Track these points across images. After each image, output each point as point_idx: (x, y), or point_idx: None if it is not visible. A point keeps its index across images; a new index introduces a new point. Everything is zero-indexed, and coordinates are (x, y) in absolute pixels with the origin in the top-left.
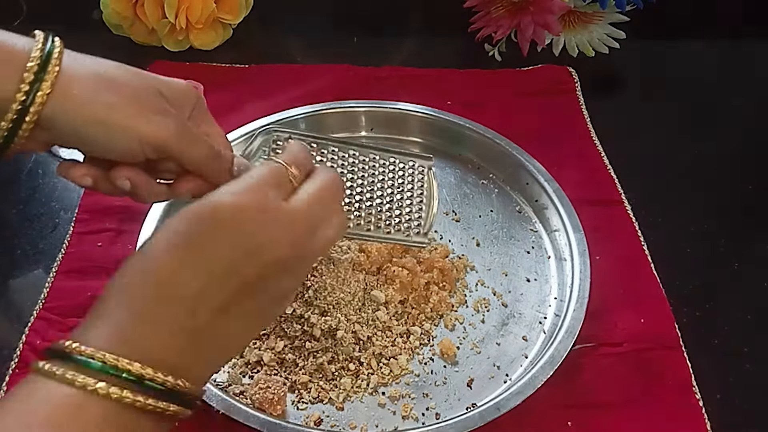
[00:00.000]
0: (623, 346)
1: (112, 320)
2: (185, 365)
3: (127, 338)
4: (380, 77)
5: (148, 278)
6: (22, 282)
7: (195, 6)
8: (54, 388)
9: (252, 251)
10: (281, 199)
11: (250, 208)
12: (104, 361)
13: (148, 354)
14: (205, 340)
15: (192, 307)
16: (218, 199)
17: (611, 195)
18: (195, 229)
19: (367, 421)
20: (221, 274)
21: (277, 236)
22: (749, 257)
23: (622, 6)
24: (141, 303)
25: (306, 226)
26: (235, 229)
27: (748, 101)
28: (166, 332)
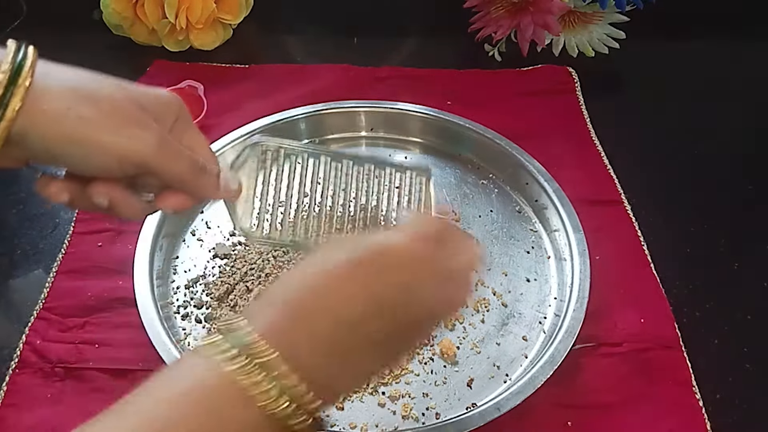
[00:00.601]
0: (623, 346)
1: (274, 318)
2: (315, 377)
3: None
4: (380, 77)
5: (318, 290)
6: (22, 282)
7: (195, 6)
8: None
9: (417, 296)
10: (444, 254)
11: (425, 256)
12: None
13: (296, 357)
14: (352, 364)
15: (352, 330)
16: (396, 238)
17: (611, 195)
18: (373, 261)
19: (367, 421)
20: (386, 308)
21: (438, 288)
22: (749, 257)
23: (622, 6)
24: (305, 311)
25: (456, 290)
26: (407, 271)
27: (748, 101)
28: (320, 343)
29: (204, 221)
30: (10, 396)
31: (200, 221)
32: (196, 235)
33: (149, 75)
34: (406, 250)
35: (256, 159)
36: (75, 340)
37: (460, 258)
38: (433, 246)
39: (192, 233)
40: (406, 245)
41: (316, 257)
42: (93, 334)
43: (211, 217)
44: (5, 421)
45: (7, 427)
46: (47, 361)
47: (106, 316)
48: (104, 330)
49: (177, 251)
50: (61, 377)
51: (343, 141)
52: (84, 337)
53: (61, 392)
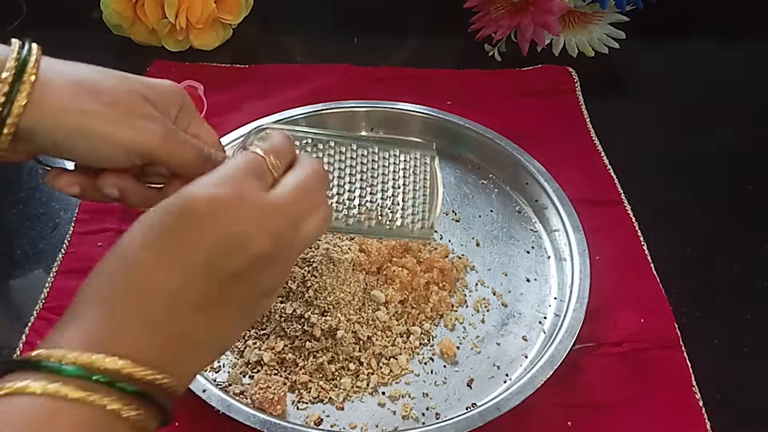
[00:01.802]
0: (623, 346)
1: (86, 321)
2: (162, 363)
3: (100, 337)
4: (380, 77)
5: (121, 277)
6: (22, 282)
7: (195, 6)
8: (24, 402)
9: (231, 246)
10: (261, 191)
11: (228, 200)
12: (75, 362)
13: (123, 353)
14: (184, 339)
15: (170, 305)
16: (194, 192)
17: (611, 195)
18: (170, 224)
19: (367, 421)
20: (199, 270)
21: (257, 230)
22: (749, 257)
23: (622, 6)
24: (115, 302)
25: (288, 219)
26: (212, 223)
27: (748, 101)
28: (142, 331)
29: None
30: None
31: None
32: None
33: (149, 75)
34: (207, 200)
35: None
36: None
37: (283, 189)
38: (242, 185)
39: None
40: (206, 195)
41: (115, 245)
42: None
43: None
44: None
45: None
46: None
47: None
48: None
49: None
50: None
51: None
52: None
53: None
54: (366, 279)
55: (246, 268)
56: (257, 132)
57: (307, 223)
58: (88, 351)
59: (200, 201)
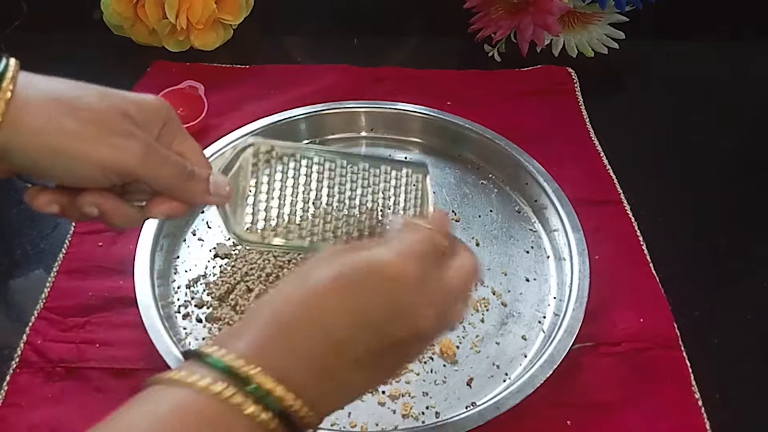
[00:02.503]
0: (622, 345)
1: (260, 334)
2: (309, 398)
3: (269, 354)
4: (380, 78)
5: (304, 309)
6: (22, 282)
7: (195, 6)
8: (179, 392)
9: (405, 316)
10: (437, 271)
11: (413, 273)
12: (239, 369)
13: (281, 373)
14: (333, 382)
15: (335, 349)
16: (385, 257)
17: (610, 195)
18: (360, 279)
19: (367, 420)
20: (372, 328)
21: (428, 308)
22: (749, 257)
23: (622, 6)
24: (291, 329)
25: (452, 304)
26: (395, 290)
27: (748, 101)
28: (306, 363)
29: (205, 221)
30: (10, 396)
31: (201, 221)
32: (196, 234)
33: (149, 75)
34: (395, 268)
35: (248, 161)
36: (76, 340)
37: (454, 275)
38: (424, 262)
39: (193, 233)
40: (394, 262)
41: (300, 272)
42: (94, 334)
43: (212, 217)
44: (6, 420)
45: (8, 426)
46: (48, 360)
47: (106, 315)
48: (105, 329)
49: (178, 251)
50: (61, 377)
51: (343, 141)
52: (85, 336)
53: (62, 392)
54: None
55: (408, 339)
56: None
57: (457, 308)
58: (254, 362)
59: (390, 267)
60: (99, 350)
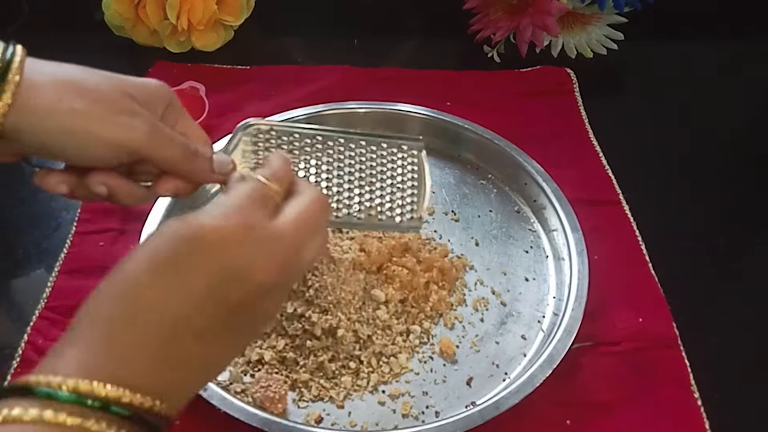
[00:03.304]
0: (621, 345)
1: (83, 345)
2: (161, 390)
3: (99, 363)
4: (380, 78)
5: (124, 301)
6: (24, 281)
7: (196, 7)
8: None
9: (237, 277)
10: (266, 220)
11: (235, 231)
12: (73, 389)
13: (120, 379)
14: (182, 365)
15: (171, 333)
16: (202, 220)
17: (609, 195)
18: (177, 251)
19: (367, 419)
20: (204, 299)
21: (263, 261)
22: (748, 257)
23: (620, 7)
24: (115, 326)
25: (292, 249)
26: (220, 253)
27: (748, 101)
28: (140, 357)
29: None
30: None
31: None
32: None
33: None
34: (213, 231)
35: (249, 141)
36: None
37: (288, 217)
38: (247, 215)
39: None
40: (212, 225)
41: (116, 268)
42: None
43: None
44: None
45: None
46: None
47: None
48: None
49: None
50: None
51: None
52: None
53: None
54: (366, 278)
55: (250, 297)
56: (245, 128)
57: (307, 250)
58: (85, 377)
59: (208, 230)
60: None
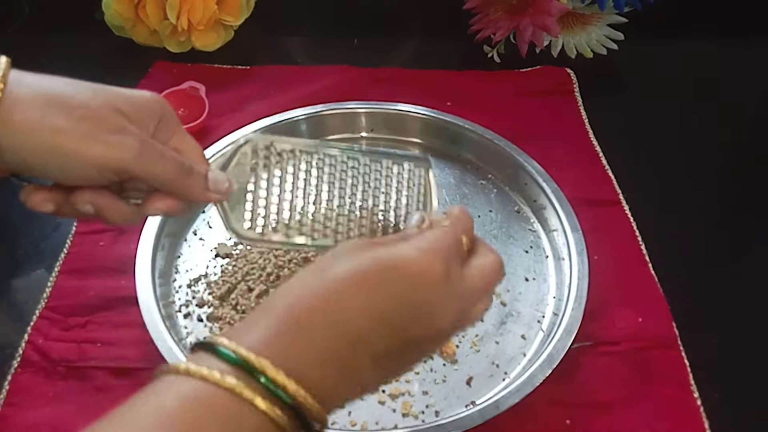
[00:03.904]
0: (621, 345)
1: (271, 328)
2: (321, 395)
3: (280, 348)
4: (380, 78)
5: (321, 303)
6: (24, 281)
7: (196, 7)
8: (188, 383)
9: (426, 316)
10: (459, 270)
11: (435, 272)
12: (248, 360)
13: (293, 368)
14: (348, 379)
15: (352, 345)
16: (409, 253)
17: (609, 195)
18: (382, 274)
19: (367, 419)
20: (391, 327)
21: (449, 308)
22: (749, 257)
23: (621, 7)
24: (306, 323)
25: (471, 303)
26: (415, 286)
27: (748, 101)
28: (319, 356)
29: (206, 221)
30: (12, 395)
31: (202, 221)
32: (198, 234)
33: (150, 76)
34: (417, 265)
35: (247, 157)
36: (77, 339)
37: (476, 273)
38: (447, 260)
39: (194, 232)
40: (417, 259)
41: (317, 266)
42: (95, 333)
43: (213, 217)
44: (7, 419)
45: (9, 425)
46: (49, 360)
47: (108, 315)
48: (106, 329)
49: (179, 250)
50: (63, 376)
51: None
52: (86, 336)
53: (63, 391)
54: None
55: (424, 337)
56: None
57: (478, 308)
58: (266, 355)
59: (412, 264)
60: (100, 350)
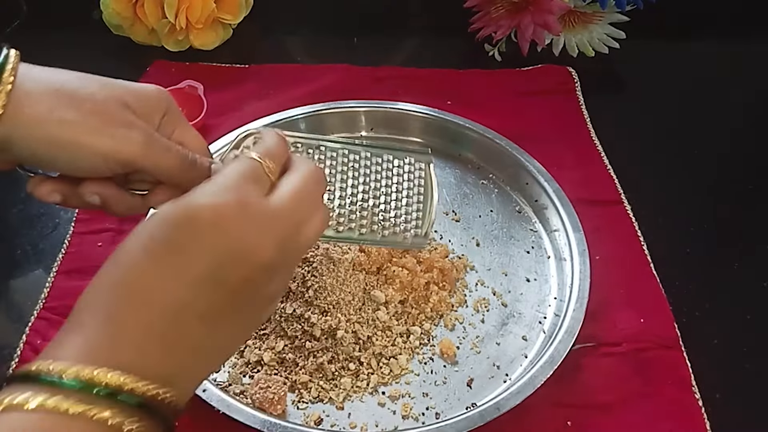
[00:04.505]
0: (623, 345)
1: (86, 332)
2: (166, 376)
3: (102, 350)
4: (380, 77)
5: (123, 287)
6: (22, 282)
7: (195, 6)
8: (21, 418)
9: (236, 256)
10: (261, 197)
11: (230, 209)
12: (77, 376)
13: (125, 365)
14: (188, 350)
15: (173, 317)
16: (195, 201)
17: (611, 195)
18: (173, 234)
19: (367, 421)
20: (204, 281)
21: (261, 239)
22: (749, 257)
23: (622, 6)
24: (117, 313)
25: (290, 225)
26: (216, 233)
27: (748, 101)
28: (144, 343)
29: None
30: None
31: None
32: None
33: (149, 75)
34: (208, 211)
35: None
36: None
37: (284, 192)
38: (242, 192)
39: None
40: (206, 204)
41: (111, 256)
42: None
43: None
44: None
45: None
46: None
47: None
48: None
49: None
50: None
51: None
52: None
53: None
54: (366, 279)
55: (251, 277)
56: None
57: (307, 227)
58: (89, 364)
59: (202, 211)
60: None
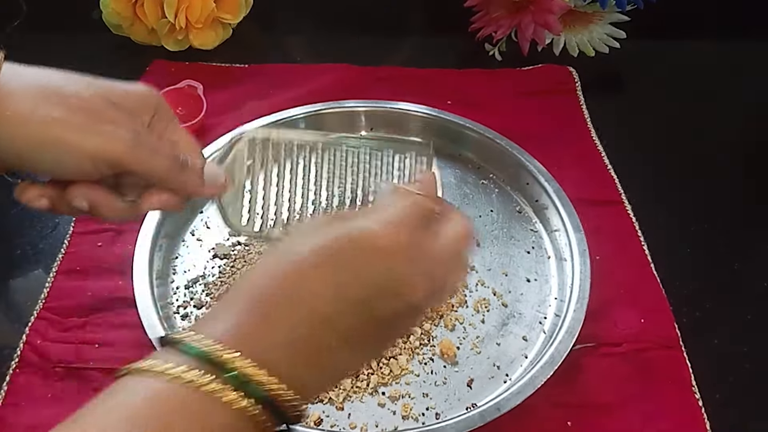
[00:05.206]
0: (623, 346)
1: (237, 317)
2: (293, 379)
3: (247, 337)
4: (380, 77)
5: (285, 286)
6: (22, 282)
7: (194, 6)
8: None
9: (396, 291)
10: (430, 241)
11: (404, 245)
12: (221, 357)
13: (260, 355)
14: (319, 361)
15: (319, 328)
16: (374, 228)
17: (611, 195)
18: (344, 251)
19: (367, 421)
20: (358, 303)
21: (420, 280)
22: (749, 257)
23: (623, 6)
24: (272, 308)
25: (445, 274)
26: (385, 264)
27: (748, 101)
28: (289, 344)
29: (203, 221)
30: (10, 396)
31: (200, 221)
32: (195, 235)
33: (148, 75)
34: (381, 238)
35: (243, 152)
36: (75, 340)
37: (445, 241)
38: (412, 230)
39: (191, 233)
40: (380, 232)
41: (280, 247)
42: (93, 334)
43: (211, 217)
44: (5, 420)
45: (7, 426)
46: (47, 360)
47: (106, 316)
48: (104, 330)
49: (176, 251)
50: (61, 377)
51: None
52: (84, 337)
53: (61, 392)
54: None
55: (399, 313)
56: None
57: (453, 278)
58: (233, 347)
59: (376, 238)
60: (98, 350)
